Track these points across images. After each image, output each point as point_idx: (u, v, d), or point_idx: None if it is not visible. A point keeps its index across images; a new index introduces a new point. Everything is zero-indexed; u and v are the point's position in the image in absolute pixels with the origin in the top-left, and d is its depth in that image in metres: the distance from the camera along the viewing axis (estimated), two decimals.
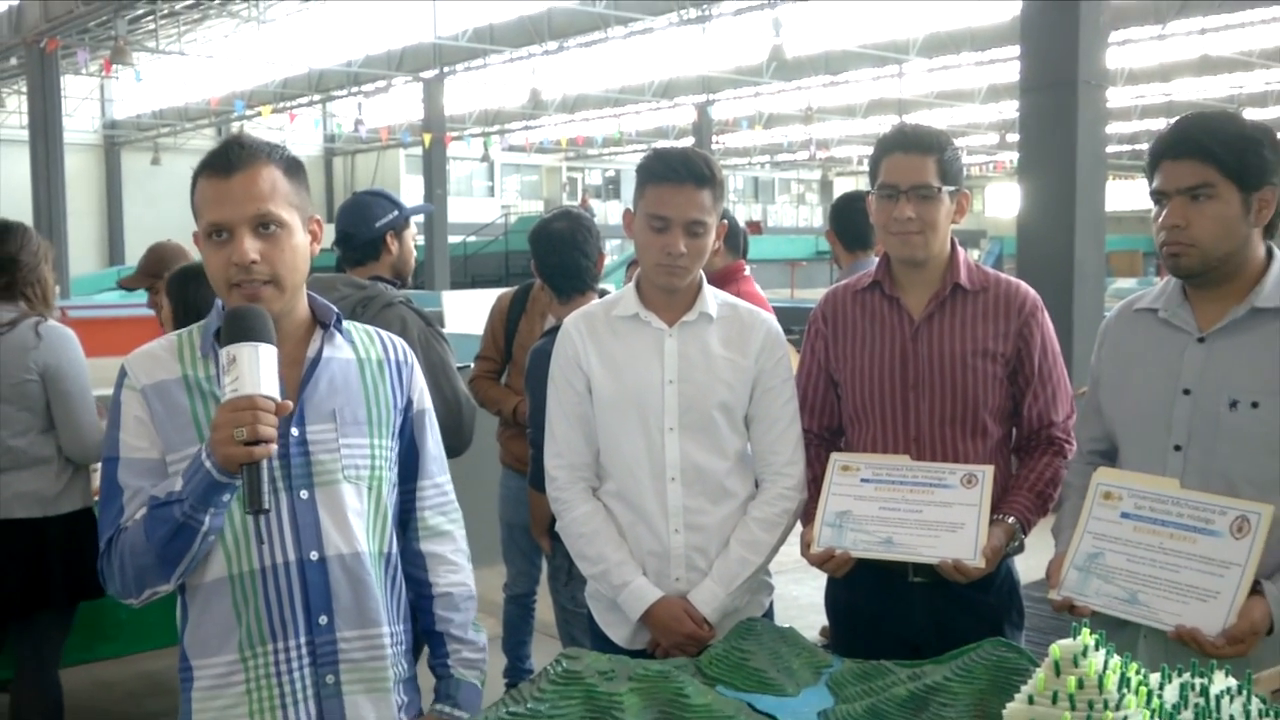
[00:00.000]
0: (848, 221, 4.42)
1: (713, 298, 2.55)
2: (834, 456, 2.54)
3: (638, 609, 2.45)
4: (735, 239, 4.37)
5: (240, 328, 1.74)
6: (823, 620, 2.92)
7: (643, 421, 2.47)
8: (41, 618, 3.63)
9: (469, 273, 27.44)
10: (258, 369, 1.72)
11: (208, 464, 1.74)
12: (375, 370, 2.01)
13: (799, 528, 2.56)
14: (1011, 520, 2.48)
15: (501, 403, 4.29)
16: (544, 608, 4.28)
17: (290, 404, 1.80)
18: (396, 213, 3.50)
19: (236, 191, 1.83)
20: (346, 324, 2.03)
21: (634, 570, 2.47)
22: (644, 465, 2.47)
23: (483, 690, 2.08)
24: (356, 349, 2.01)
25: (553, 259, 3.62)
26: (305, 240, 1.92)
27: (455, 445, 3.16)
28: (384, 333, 2.09)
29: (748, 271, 4.46)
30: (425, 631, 2.09)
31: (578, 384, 2.53)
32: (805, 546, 2.48)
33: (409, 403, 2.06)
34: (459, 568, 2.10)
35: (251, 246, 1.82)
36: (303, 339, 1.96)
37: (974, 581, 2.37)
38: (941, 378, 2.53)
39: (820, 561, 2.44)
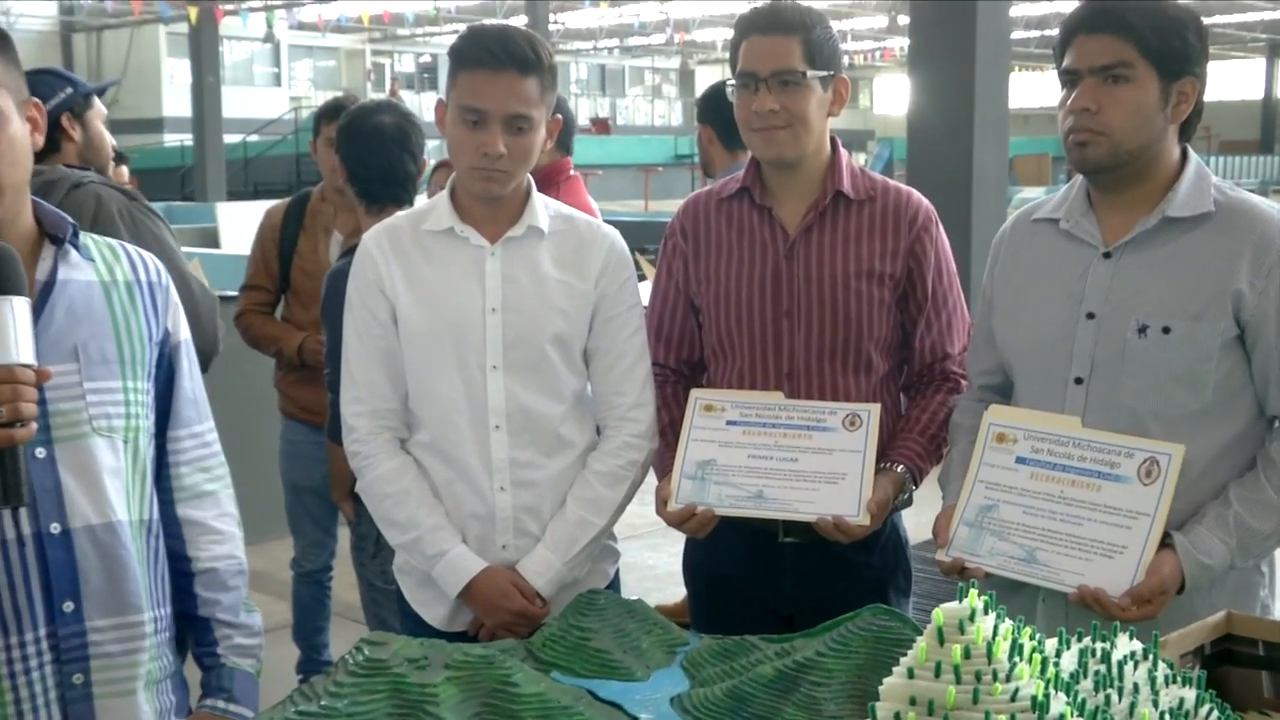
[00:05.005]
0: (726, 112, 4.42)
1: (544, 209, 2.53)
2: (695, 394, 2.57)
3: (457, 583, 2.45)
4: (562, 133, 4.28)
5: None
6: (682, 592, 2.97)
7: (460, 358, 2.46)
8: None
9: (251, 180, 26.83)
10: (12, 330, 1.66)
11: None
12: (124, 295, 1.95)
13: (652, 482, 2.59)
14: (901, 469, 2.54)
15: (281, 340, 4.14)
16: (344, 586, 4.24)
17: (50, 370, 1.74)
18: (71, 89, 3.36)
19: None
20: (84, 237, 1.96)
21: (451, 537, 2.47)
22: (462, 411, 2.46)
23: (258, 681, 2.06)
24: (99, 269, 1.94)
25: (376, 160, 3.50)
26: (24, 130, 1.85)
27: (203, 349, 3.04)
28: (130, 247, 2.03)
29: (573, 172, 4.34)
30: (186, 616, 2.05)
31: (380, 313, 2.50)
32: (661, 504, 2.51)
33: (165, 334, 2.01)
34: (225, 536, 2.07)
35: None
36: (29, 256, 1.87)
37: (856, 541, 2.44)
38: (820, 302, 2.57)
39: (678, 521, 2.48)
